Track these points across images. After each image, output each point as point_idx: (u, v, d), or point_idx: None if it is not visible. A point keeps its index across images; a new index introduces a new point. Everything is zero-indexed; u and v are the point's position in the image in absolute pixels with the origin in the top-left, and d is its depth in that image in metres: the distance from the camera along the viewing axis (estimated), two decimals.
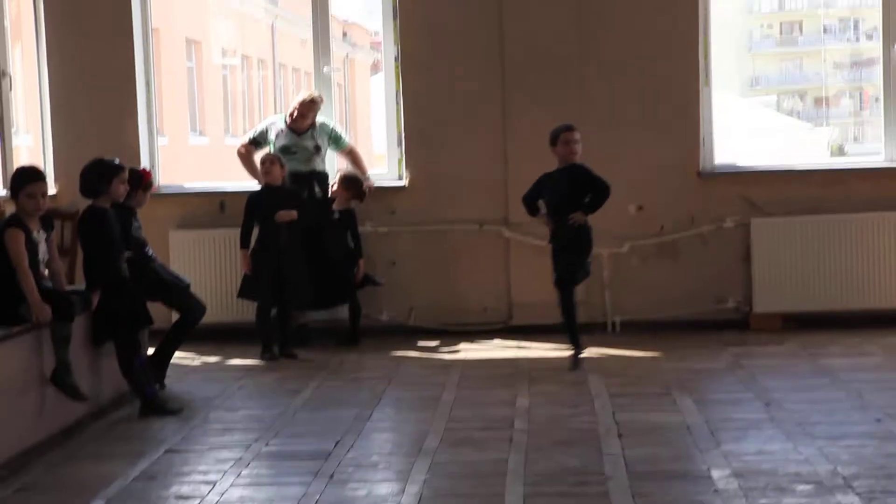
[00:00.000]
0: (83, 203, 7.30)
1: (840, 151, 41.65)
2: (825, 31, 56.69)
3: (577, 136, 8.27)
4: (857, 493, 5.15)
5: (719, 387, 7.49)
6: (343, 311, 9.28)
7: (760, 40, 58.21)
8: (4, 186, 9.69)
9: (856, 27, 56.01)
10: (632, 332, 9.38)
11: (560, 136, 8.28)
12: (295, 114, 9.25)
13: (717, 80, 9.81)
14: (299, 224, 8.82)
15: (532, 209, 8.45)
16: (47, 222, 6.81)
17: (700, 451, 5.94)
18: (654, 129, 9.51)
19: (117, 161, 7.31)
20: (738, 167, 9.92)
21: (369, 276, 9.27)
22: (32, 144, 11.73)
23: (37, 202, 6.60)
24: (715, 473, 5.53)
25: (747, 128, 29.68)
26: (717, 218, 9.51)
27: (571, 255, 8.22)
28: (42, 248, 6.69)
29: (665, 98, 9.52)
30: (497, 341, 9.23)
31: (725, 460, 5.74)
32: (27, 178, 6.65)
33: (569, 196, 8.21)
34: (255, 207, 8.79)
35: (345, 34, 30.98)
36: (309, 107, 9.26)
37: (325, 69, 9.82)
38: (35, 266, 6.62)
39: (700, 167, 9.57)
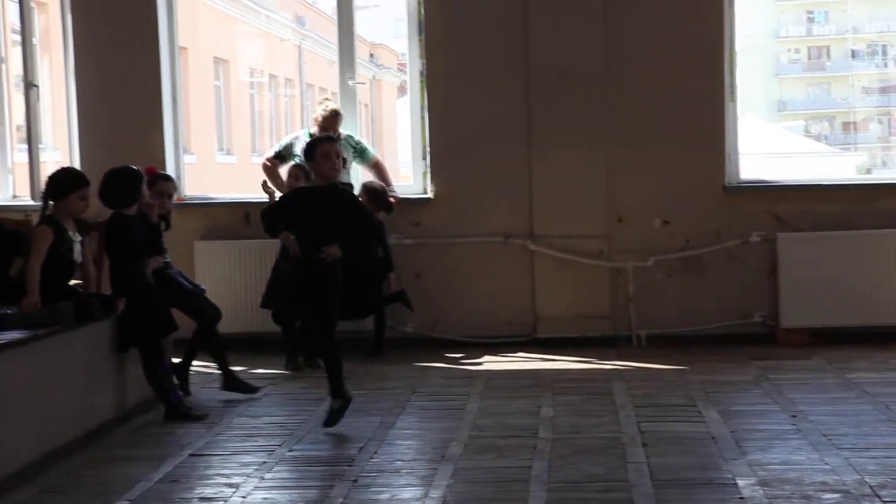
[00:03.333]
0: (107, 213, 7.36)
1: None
2: (853, 55, 56.57)
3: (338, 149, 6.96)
4: (885, 502, 5.10)
5: (745, 399, 7.44)
6: (368, 323, 9.29)
7: (788, 65, 58.11)
8: (33, 197, 9.78)
9: (884, 52, 55.87)
10: (657, 345, 9.35)
11: (317, 149, 6.86)
12: (317, 127, 9.26)
13: (745, 103, 9.80)
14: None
15: (274, 225, 7.13)
16: (82, 226, 6.91)
17: (725, 461, 5.90)
18: (679, 143, 9.50)
19: (137, 168, 7.35)
20: (765, 182, 9.88)
21: (405, 295, 9.24)
22: (60, 160, 11.81)
23: (87, 204, 6.91)
24: (740, 482, 5.50)
25: (775, 151, 29.60)
26: (743, 233, 9.48)
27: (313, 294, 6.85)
28: (76, 249, 6.79)
29: (691, 113, 9.50)
30: (521, 354, 9.20)
31: (751, 469, 5.70)
32: (80, 182, 6.93)
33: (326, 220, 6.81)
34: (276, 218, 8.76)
35: (371, 55, 31.11)
36: (331, 122, 9.27)
37: (350, 82, 9.85)
38: (68, 265, 6.74)
39: (726, 181, 9.55)
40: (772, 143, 30.32)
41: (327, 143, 6.96)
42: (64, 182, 6.89)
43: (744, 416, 6.94)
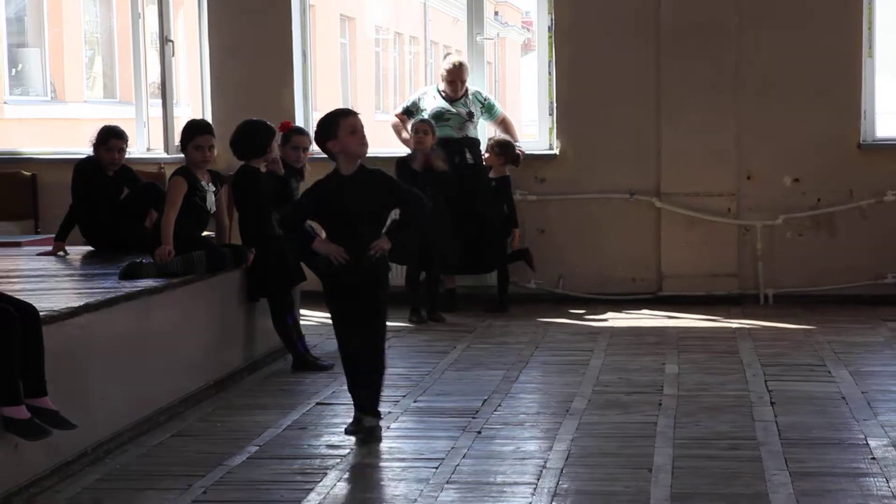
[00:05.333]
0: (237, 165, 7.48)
1: None
2: None
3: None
4: None
5: (876, 360, 7.28)
6: (491, 278, 9.31)
7: None
8: (167, 150, 10.01)
9: None
10: (785, 304, 9.20)
11: (340, 124, 5.50)
12: (444, 80, 9.29)
13: (882, 60, 9.50)
14: (448, 189, 8.83)
15: (302, 235, 5.75)
16: (217, 178, 7.03)
17: (856, 421, 5.80)
18: (812, 99, 9.29)
19: (269, 123, 7.45)
20: None
21: (528, 253, 9.22)
22: (192, 115, 12.04)
23: (203, 154, 6.91)
24: (872, 442, 5.39)
25: None
26: (877, 191, 9.25)
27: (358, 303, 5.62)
28: (210, 199, 6.92)
29: (826, 68, 9.28)
30: (646, 311, 9.14)
31: (883, 430, 5.59)
32: (196, 130, 6.98)
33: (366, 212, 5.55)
34: (405, 170, 8.84)
35: (496, 13, 30.99)
36: (457, 74, 9.28)
37: (478, 37, 9.84)
38: (202, 215, 6.87)
39: (861, 139, 9.31)
40: None
41: (351, 115, 5.53)
42: (183, 132, 7.02)
43: (875, 376, 6.79)
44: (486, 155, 9.27)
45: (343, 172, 5.50)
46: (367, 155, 5.58)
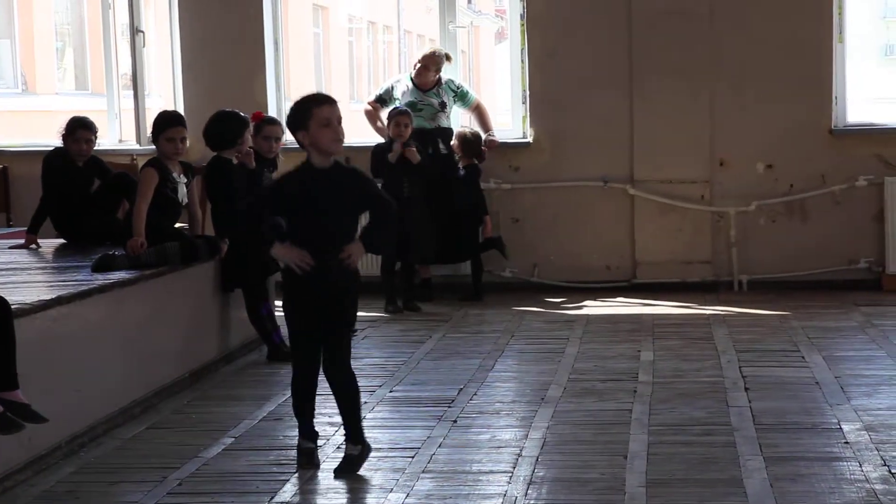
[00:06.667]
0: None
1: None
2: None
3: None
4: None
5: (850, 344, 7.32)
6: (466, 267, 9.32)
7: None
8: (139, 141, 9.96)
9: None
10: (759, 291, 9.24)
11: (312, 113, 4.85)
12: (418, 66, 9.27)
13: (851, 47, 9.54)
14: (422, 179, 8.84)
15: (259, 230, 4.99)
16: (189, 169, 7.00)
17: (830, 406, 5.83)
18: (784, 86, 9.32)
19: (242, 114, 7.42)
20: (873, 125, 9.64)
21: (500, 242, 9.21)
22: (164, 105, 11.98)
23: (175, 146, 6.89)
24: (845, 427, 5.43)
25: (881, 96, 28.86)
26: (849, 177, 9.29)
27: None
28: (181, 191, 6.90)
29: (798, 55, 9.31)
30: (621, 299, 9.16)
31: (856, 415, 5.62)
32: (168, 122, 6.96)
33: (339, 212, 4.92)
34: (380, 160, 8.82)
35: (469, 1, 30.93)
36: (430, 59, 9.27)
37: (451, 26, 9.82)
38: (174, 207, 6.85)
39: (832, 125, 9.35)
40: (878, 87, 29.57)
41: (326, 104, 4.83)
42: (155, 124, 6.99)
43: (849, 361, 6.83)
44: (454, 143, 9.27)
45: (315, 165, 4.89)
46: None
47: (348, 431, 5.05)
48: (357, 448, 5.01)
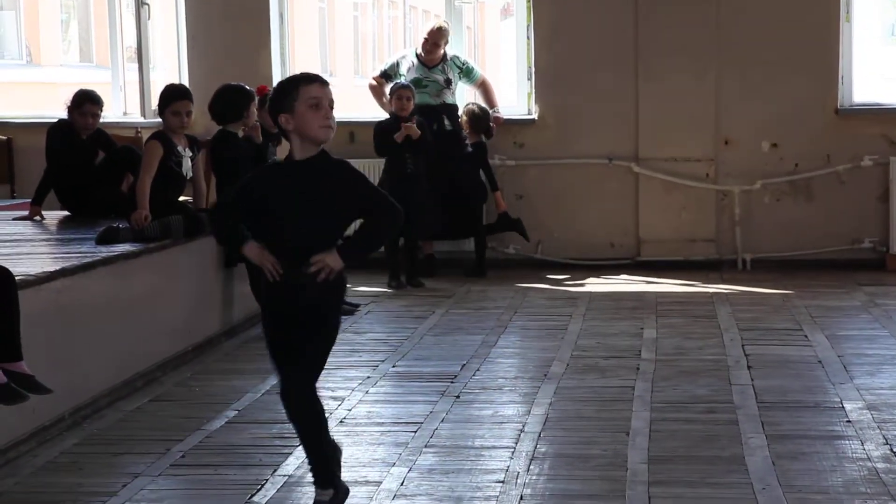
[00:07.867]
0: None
1: None
2: None
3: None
4: None
5: (853, 324, 7.32)
6: (469, 243, 9.31)
7: None
8: (143, 114, 9.94)
9: None
10: (763, 269, 9.24)
11: (299, 94, 4.08)
12: (428, 45, 9.23)
13: (857, 25, 9.50)
14: (426, 155, 8.81)
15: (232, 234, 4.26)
16: (194, 143, 7.00)
17: (832, 384, 5.83)
18: (790, 65, 9.29)
19: (248, 87, 7.40)
20: (879, 105, 9.62)
21: (520, 224, 9.19)
22: (169, 79, 11.97)
23: (181, 119, 6.87)
24: (847, 406, 5.43)
25: (888, 74, 28.76)
26: (854, 156, 9.27)
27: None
28: (186, 164, 6.89)
29: (804, 34, 9.28)
30: (624, 276, 9.16)
31: (858, 394, 5.63)
32: (174, 96, 6.93)
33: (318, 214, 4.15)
34: (385, 138, 8.80)
35: None
36: (438, 34, 9.24)
37: (456, 1, 9.79)
38: (178, 180, 6.84)
39: (838, 104, 9.32)
40: (885, 67, 29.47)
41: (316, 83, 4.06)
42: (161, 97, 6.98)
43: (851, 340, 6.83)
44: (463, 119, 9.25)
45: (295, 157, 4.08)
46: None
47: (316, 473, 4.15)
48: (327, 494, 4.11)
